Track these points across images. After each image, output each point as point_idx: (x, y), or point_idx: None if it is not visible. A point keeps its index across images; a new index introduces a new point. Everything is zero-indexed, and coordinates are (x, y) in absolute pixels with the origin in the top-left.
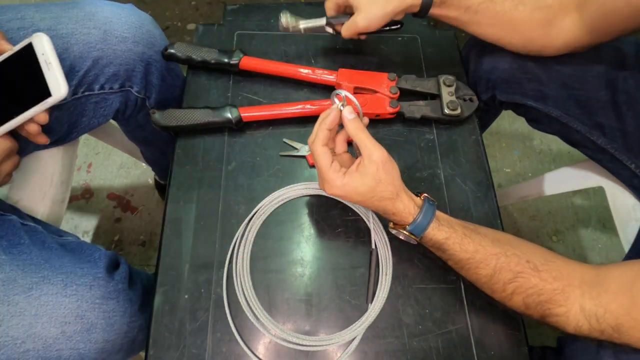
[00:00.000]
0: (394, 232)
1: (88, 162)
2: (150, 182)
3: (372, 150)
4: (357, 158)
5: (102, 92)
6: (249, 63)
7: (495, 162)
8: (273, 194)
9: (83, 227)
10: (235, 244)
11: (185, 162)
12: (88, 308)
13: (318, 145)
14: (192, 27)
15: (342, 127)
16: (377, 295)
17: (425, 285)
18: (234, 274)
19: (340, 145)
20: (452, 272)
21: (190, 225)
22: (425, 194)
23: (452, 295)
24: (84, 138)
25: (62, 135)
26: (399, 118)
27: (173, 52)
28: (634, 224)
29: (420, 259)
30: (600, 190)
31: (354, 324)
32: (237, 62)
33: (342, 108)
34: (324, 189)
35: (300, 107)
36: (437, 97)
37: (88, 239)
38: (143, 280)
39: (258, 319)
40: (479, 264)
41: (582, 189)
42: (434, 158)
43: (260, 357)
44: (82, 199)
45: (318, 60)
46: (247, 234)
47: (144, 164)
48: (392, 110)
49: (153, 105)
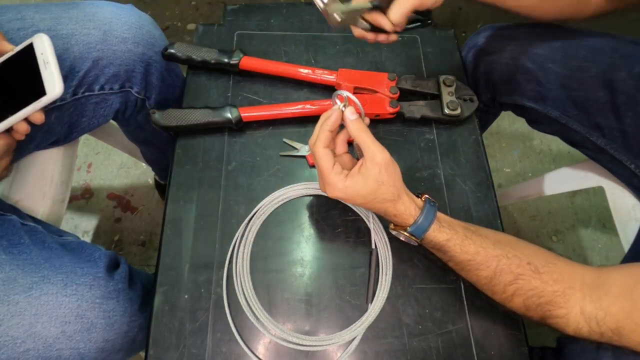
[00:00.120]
0: (395, 233)
1: (88, 162)
2: (150, 182)
3: (374, 152)
4: (357, 159)
5: (102, 92)
6: (249, 63)
7: (495, 162)
8: (273, 194)
9: (83, 227)
10: (235, 244)
11: (185, 162)
12: (88, 308)
13: (319, 147)
14: (192, 27)
15: (342, 127)
16: (377, 295)
17: (425, 285)
18: (234, 274)
19: (341, 146)
20: (452, 272)
21: (190, 225)
22: (426, 195)
23: (452, 295)
24: (84, 138)
25: (62, 136)
26: (399, 118)
27: (173, 52)
28: (634, 224)
29: (420, 259)
30: (600, 190)
31: (354, 324)
32: (237, 62)
33: (343, 109)
34: (326, 192)
35: (300, 107)
36: (437, 97)
37: (88, 239)
38: (143, 280)
39: (258, 319)
40: (480, 266)
41: (582, 189)
42: (434, 158)
43: (260, 357)
44: (82, 199)
45: (318, 60)
46: (247, 234)
47: (144, 164)
48: (392, 111)
49: (153, 106)
